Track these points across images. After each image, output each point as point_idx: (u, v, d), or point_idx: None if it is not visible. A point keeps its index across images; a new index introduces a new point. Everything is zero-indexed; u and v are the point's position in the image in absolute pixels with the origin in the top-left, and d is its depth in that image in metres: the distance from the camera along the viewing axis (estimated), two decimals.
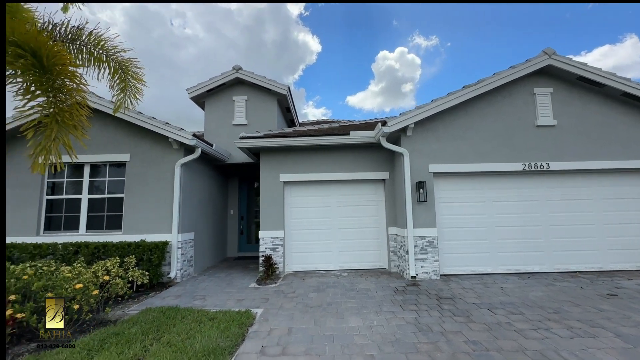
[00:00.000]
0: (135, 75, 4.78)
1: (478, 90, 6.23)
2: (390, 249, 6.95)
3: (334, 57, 57.70)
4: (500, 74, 6.28)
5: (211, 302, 4.99)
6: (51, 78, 3.08)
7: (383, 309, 4.48)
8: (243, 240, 9.90)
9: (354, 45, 50.07)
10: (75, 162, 6.68)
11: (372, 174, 7.15)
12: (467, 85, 6.28)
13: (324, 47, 57.20)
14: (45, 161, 3.09)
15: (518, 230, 6.42)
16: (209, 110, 8.91)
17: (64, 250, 5.87)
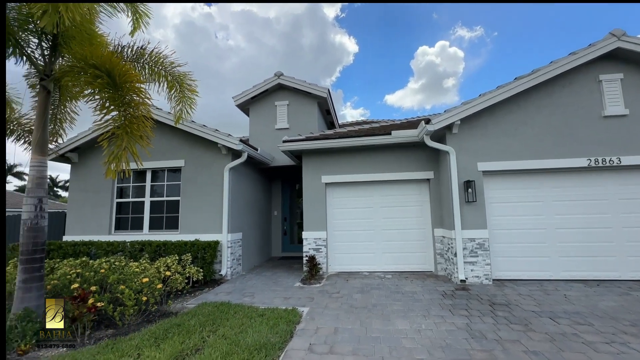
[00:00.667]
0: (190, 87, 5.20)
1: (533, 81, 5.78)
2: (436, 251, 6.70)
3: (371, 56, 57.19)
4: (558, 62, 5.76)
5: (259, 300, 5.23)
6: (122, 94, 3.49)
7: (431, 312, 4.35)
8: (286, 240, 10.20)
9: (391, 42, 49.18)
10: (140, 168, 7.40)
11: (416, 174, 6.95)
12: (520, 76, 5.85)
13: (361, 47, 56.99)
14: (116, 168, 3.51)
15: (583, 232, 5.82)
16: (253, 116, 9.34)
17: (131, 248, 6.54)
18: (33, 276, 3.93)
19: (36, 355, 3.38)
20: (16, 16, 3.82)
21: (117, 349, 3.38)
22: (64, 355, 3.30)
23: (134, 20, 4.87)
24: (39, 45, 4.13)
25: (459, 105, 5.96)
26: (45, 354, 3.41)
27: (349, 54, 70.23)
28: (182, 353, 3.29)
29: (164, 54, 4.95)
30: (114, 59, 3.40)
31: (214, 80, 64.40)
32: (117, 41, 4.77)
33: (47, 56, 4.16)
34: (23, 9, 3.73)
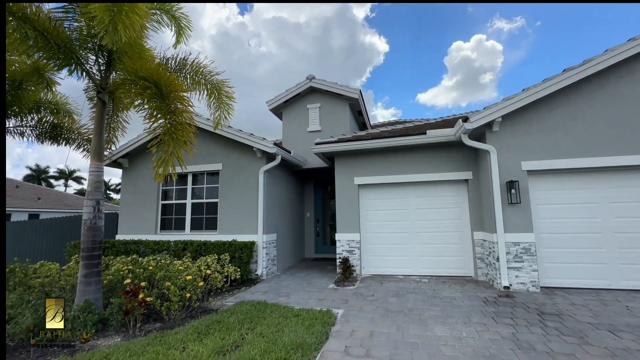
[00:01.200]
0: (227, 94, 5.44)
1: (584, 72, 5.32)
2: (476, 255, 6.38)
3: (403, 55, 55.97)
4: (615, 50, 5.26)
5: (294, 300, 5.31)
6: (168, 103, 3.74)
7: (472, 319, 4.15)
8: (319, 242, 10.26)
9: (423, 40, 47.79)
10: (182, 172, 7.86)
11: (453, 174, 6.69)
12: (569, 68, 5.42)
13: (391, 47, 56.00)
14: (164, 172, 3.77)
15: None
16: (286, 120, 9.54)
17: (175, 247, 6.96)
18: (92, 271, 4.32)
19: (95, 344, 3.71)
20: (77, 36, 4.25)
21: (164, 342, 3.61)
22: (119, 345, 3.59)
23: (176, 33, 5.21)
24: (96, 62, 4.55)
25: (500, 102, 5.64)
26: (103, 343, 3.74)
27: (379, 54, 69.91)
28: (222, 349, 3.44)
29: (203, 64, 5.23)
30: (160, 71, 3.66)
31: (246, 86, 67.72)
32: (162, 54, 5.12)
33: (102, 71, 4.58)
34: (84, 30, 4.15)
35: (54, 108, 6.24)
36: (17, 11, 3.35)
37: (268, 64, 67.34)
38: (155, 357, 3.25)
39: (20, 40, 3.57)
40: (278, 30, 59.48)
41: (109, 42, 3.38)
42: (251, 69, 63.53)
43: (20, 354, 3.49)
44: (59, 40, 3.90)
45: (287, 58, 74.31)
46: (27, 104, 5.44)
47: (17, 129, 6.11)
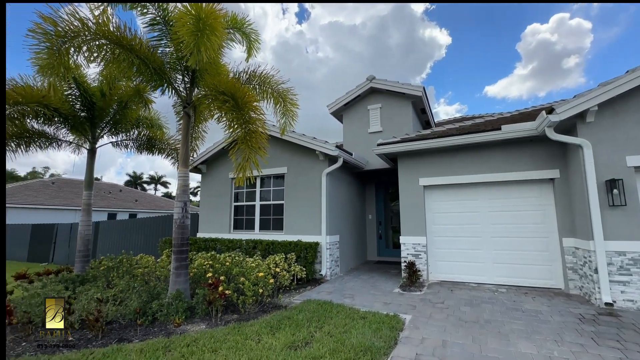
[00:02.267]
0: (292, 101, 5.70)
1: None
2: (566, 265, 5.59)
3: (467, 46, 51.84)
4: None
5: (359, 302, 5.30)
6: (243, 114, 4.09)
7: (565, 338, 3.65)
8: (382, 244, 10.07)
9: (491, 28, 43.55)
10: (254, 175, 8.50)
11: (535, 173, 5.97)
12: None
13: (454, 39, 52.29)
14: (243, 176, 4.13)
15: None
16: (346, 122, 9.62)
17: (246, 245, 7.52)
18: (181, 264, 4.92)
19: (185, 329, 4.22)
20: (168, 60, 4.91)
21: (242, 332, 3.93)
22: (205, 332, 4.01)
23: (247, 48, 5.65)
24: (182, 80, 5.20)
25: (596, 88, 4.87)
26: (191, 328, 4.22)
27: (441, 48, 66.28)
28: (293, 344, 3.61)
29: (270, 74, 5.59)
30: (236, 85, 4.04)
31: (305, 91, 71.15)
32: (235, 68, 5.62)
33: (187, 88, 5.21)
34: (173, 54, 4.79)
35: (149, 123, 7.30)
36: (127, 43, 4.03)
37: (325, 68, 69.92)
38: (235, 346, 3.56)
39: (128, 68, 4.28)
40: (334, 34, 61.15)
41: (193, 62, 3.84)
42: (309, 75, 66.75)
43: (129, 332, 4.14)
44: (155, 65, 4.57)
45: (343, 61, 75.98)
46: (130, 120, 6.46)
47: (123, 142, 7.30)
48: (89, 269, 6.75)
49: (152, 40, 4.77)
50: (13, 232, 14.72)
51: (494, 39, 45.11)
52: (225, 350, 3.46)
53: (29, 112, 5.77)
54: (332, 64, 52.00)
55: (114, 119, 6.79)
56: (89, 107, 6.47)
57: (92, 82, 6.48)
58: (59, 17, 3.70)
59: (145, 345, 3.61)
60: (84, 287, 5.38)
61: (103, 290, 5.20)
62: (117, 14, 4.25)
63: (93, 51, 4.01)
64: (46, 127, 6.47)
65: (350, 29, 52.25)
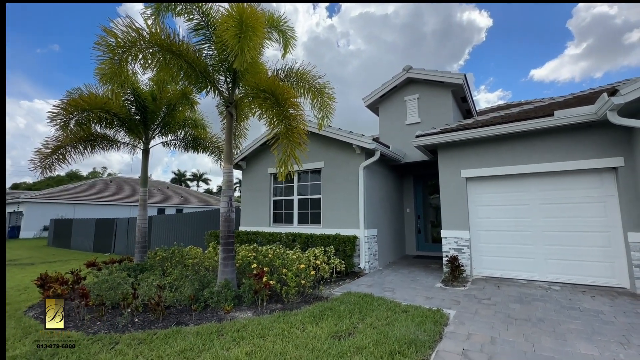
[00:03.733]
0: (329, 95, 5.74)
1: None
2: (632, 262, 5.08)
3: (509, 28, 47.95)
4: None
5: (400, 296, 5.27)
6: (283, 110, 4.22)
7: (632, 341, 3.35)
8: (421, 238, 9.84)
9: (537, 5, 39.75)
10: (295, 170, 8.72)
11: (594, 162, 5.47)
12: None
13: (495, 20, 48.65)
14: (285, 170, 4.27)
15: None
16: (382, 114, 9.46)
17: (286, 238, 7.76)
18: (228, 255, 5.22)
19: (234, 316, 4.49)
20: (212, 62, 5.18)
21: (287, 321, 4.10)
22: (252, 319, 4.25)
23: (284, 45, 5.77)
24: (225, 81, 5.46)
25: None
26: (239, 315, 4.49)
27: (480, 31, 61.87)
28: (337, 334, 3.70)
29: (306, 70, 5.67)
30: (276, 82, 4.17)
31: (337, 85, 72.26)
32: (273, 66, 5.77)
33: (229, 89, 5.46)
34: (216, 57, 5.05)
35: (194, 123, 7.76)
36: (176, 49, 4.33)
37: (357, 61, 68.99)
38: (281, 333, 3.74)
39: (177, 72, 4.59)
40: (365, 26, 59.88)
41: (238, 64, 4.02)
42: (341, 68, 66.42)
43: (185, 316, 4.51)
44: (200, 68, 4.85)
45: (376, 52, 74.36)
46: (178, 121, 6.91)
47: (171, 142, 7.84)
48: (146, 258, 7.40)
49: (196, 45, 5.05)
50: (82, 225, 16.54)
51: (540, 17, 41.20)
52: (273, 337, 3.64)
53: (93, 117, 6.43)
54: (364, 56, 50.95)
55: (163, 120, 7.33)
56: (142, 110, 7.04)
57: (144, 87, 7.04)
58: (118, 29, 4.06)
59: (200, 329, 3.92)
60: (144, 275, 5.93)
61: (160, 278, 5.69)
62: (166, 22, 4.57)
63: (148, 58, 4.37)
64: (107, 130, 7.16)
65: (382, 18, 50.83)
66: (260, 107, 4.38)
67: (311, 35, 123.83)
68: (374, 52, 52.11)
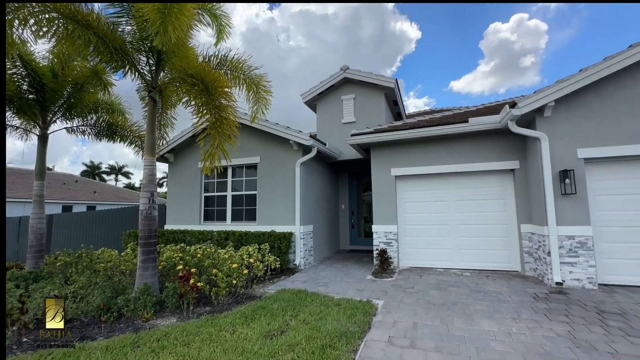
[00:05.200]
0: (265, 89, 5.55)
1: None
2: (523, 249, 6.04)
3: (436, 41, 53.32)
4: None
5: (333, 290, 5.39)
6: (213, 99, 3.91)
7: (522, 315, 3.96)
8: (354, 234, 10.27)
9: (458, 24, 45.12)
10: (223, 165, 8.23)
11: (497, 164, 6.34)
12: (636, 43, 4.87)
13: (424, 33, 53.54)
14: (211, 164, 3.96)
15: None
16: (320, 112, 9.57)
17: (218, 237, 7.33)
18: (149, 257, 4.69)
19: (155, 323, 4.05)
20: (131, 40, 4.55)
21: (215, 324, 3.85)
22: (176, 325, 3.88)
23: (217, 31, 5.39)
24: (147, 63, 4.86)
25: (553, 85, 5.22)
26: (161, 323, 4.07)
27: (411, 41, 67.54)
28: (269, 333, 3.60)
29: (242, 59, 5.38)
30: (206, 68, 3.84)
31: (277, 79, 70.30)
32: (204, 52, 5.33)
33: (152, 71, 4.88)
34: (136, 33, 4.44)
35: (109, 108, 6.78)
36: (82, 19, 3.67)
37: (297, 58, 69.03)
38: (209, 337, 3.48)
39: (84, 46, 3.90)
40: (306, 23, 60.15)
41: (159, 43, 3.59)
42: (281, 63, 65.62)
43: (92, 329, 3.90)
44: (115, 44, 4.21)
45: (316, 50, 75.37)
46: (87, 104, 5.95)
47: (79, 128, 6.72)
48: (43, 265, 6.24)
49: (111, 17, 4.38)
50: None
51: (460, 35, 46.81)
52: (199, 343, 3.37)
53: None
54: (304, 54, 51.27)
55: (68, 102, 6.21)
56: (38, 88, 5.85)
57: (41, 61, 5.86)
58: None
59: (111, 343, 3.43)
60: (38, 285, 4.97)
61: (60, 287, 4.84)
62: None
63: (42, 25, 3.61)
64: None
65: (322, 18, 51.74)
66: (187, 93, 4.00)
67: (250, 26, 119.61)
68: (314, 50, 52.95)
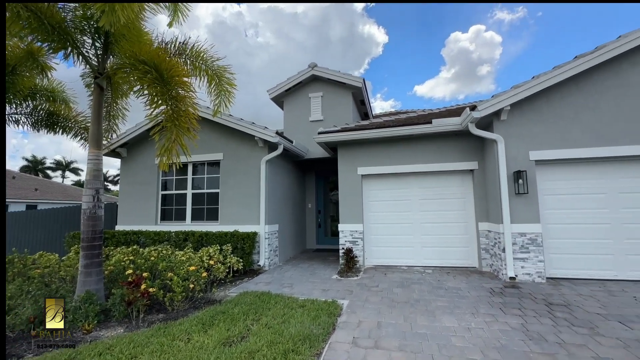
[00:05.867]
0: (228, 81, 5.26)
1: (597, 58, 5.18)
2: (480, 246, 6.33)
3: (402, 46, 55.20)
4: (629, 36, 5.10)
5: (298, 291, 5.25)
6: (169, 89, 3.59)
7: (480, 310, 4.10)
8: (321, 233, 10.21)
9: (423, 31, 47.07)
10: (183, 161, 7.74)
11: (458, 165, 6.58)
12: (581, 54, 5.27)
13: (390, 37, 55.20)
14: (167, 160, 3.63)
15: None
16: (287, 109, 9.36)
17: (176, 237, 6.87)
18: (93, 262, 4.23)
19: (98, 335, 3.64)
20: (72, 18, 4.05)
21: (168, 333, 3.54)
22: (122, 336, 3.51)
23: (172, 12, 4.98)
24: (93, 45, 4.37)
25: (509, 90, 5.50)
26: (105, 334, 3.66)
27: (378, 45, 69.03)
28: (228, 340, 3.37)
29: (204, 48, 5.04)
30: (161, 55, 3.51)
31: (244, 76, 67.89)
32: (160, 38, 4.92)
33: (100, 55, 4.40)
34: (78, 11, 3.96)
35: (50, 95, 6.05)
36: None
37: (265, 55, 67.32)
38: (159, 349, 3.18)
39: (13, 21, 3.39)
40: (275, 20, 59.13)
41: (106, 23, 3.21)
42: (249, 60, 63.75)
43: (20, 345, 3.41)
44: (53, 21, 3.72)
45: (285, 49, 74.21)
46: (21, 90, 5.25)
47: (11, 116, 5.94)
48: None
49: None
50: None
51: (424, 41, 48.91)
52: (148, 356, 3.06)
53: None
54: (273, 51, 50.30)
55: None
56: None
57: None
58: None
59: None
60: None
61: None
62: None
63: None
64: None
65: (291, 16, 51.27)
66: (140, 81, 3.62)
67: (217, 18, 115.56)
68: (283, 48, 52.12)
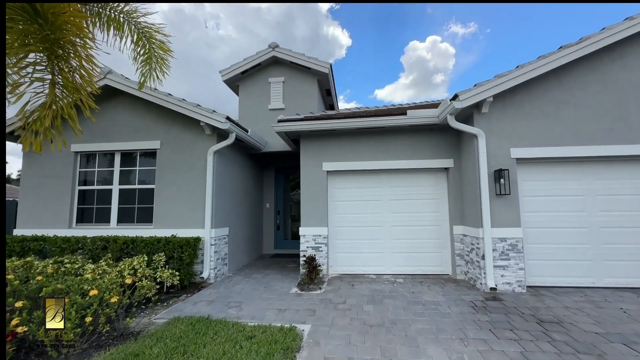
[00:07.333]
0: (161, 45, 4.06)
1: (582, 50, 4.81)
2: (455, 252, 5.77)
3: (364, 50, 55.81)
4: (612, 28, 4.80)
5: (248, 312, 4.20)
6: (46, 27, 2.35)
7: (468, 334, 3.39)
8: (280, 236, 9.15)
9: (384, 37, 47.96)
10: (106, 150, 6.23)
11: (432, 162, 5.97)
12: (566, 45, 4.88)
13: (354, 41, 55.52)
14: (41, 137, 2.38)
15: (633, 232, 4.95)
16: (243, 94, 8.17)
17: (92, 245, 5.40)
18: None
19: None
20: None
21: None
22: None
23: None
24: None
25: (493, 79, 4.96)
26: None
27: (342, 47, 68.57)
28: None
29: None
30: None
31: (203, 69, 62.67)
32: None
33: None
34: None
35: None
36: None
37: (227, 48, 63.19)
38: None
39: None
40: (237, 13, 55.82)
41: None
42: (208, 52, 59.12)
43: None
44: None
45: (248, 43, 70.47)
46: None
47: None
48: None
49: None
50: None
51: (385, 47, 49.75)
52: None
53: None
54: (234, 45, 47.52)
55: None
56: None
57: None
58: None
59: None
60: None
61: None
62: None
63: None
64: None
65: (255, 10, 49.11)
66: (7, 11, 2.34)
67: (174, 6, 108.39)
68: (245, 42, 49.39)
